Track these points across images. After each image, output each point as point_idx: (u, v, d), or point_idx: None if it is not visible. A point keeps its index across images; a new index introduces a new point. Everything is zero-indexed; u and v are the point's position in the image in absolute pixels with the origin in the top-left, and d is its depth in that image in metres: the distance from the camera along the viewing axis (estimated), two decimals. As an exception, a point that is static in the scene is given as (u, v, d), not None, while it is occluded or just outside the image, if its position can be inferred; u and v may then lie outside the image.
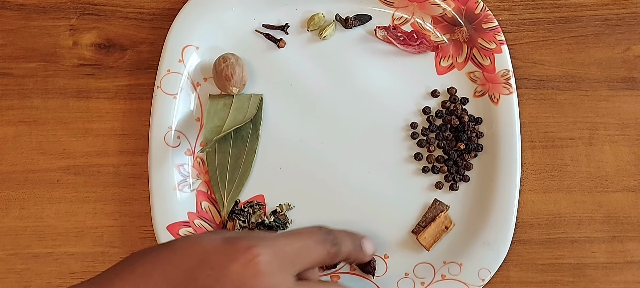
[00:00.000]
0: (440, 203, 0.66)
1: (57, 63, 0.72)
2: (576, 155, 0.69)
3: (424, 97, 0.69)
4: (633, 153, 0.69)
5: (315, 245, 0.55)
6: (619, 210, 0.68)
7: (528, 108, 0.69)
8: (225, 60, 0.67)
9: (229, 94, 0.68)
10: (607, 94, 0.70)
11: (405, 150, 0.68)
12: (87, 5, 0.73)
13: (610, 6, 0.71)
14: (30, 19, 0.72)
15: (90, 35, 0.72)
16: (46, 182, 0.69)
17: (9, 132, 0.70)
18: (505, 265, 0.66)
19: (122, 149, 0.70)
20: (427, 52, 0.70)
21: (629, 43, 0.71)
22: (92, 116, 0.71)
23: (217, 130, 0.67)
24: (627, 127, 0.69)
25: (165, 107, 0.68)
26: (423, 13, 0.71)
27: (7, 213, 0.69)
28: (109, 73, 0.71)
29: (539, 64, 0.70)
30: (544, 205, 0.68)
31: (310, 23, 0.70)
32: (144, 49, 0.72)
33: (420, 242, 0.65)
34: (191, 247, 0.52)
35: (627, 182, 0.68)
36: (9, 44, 0.72)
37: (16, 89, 0.71)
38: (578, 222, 0.67)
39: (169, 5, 0.72)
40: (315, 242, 0.55)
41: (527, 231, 0.67)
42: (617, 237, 0.67)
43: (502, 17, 0.71)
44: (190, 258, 0.51)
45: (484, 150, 0.68)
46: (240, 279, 0.50)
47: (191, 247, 0.52)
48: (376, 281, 0.66)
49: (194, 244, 0.52)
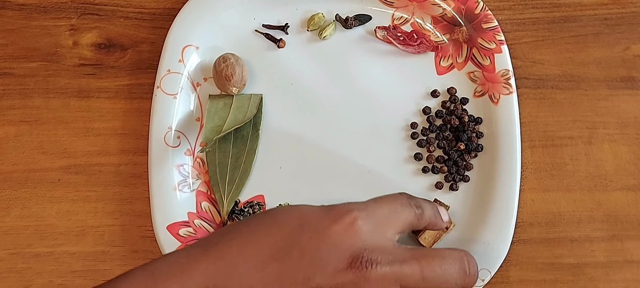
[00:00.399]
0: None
1: (58, 63, 0.72)
2: (576, 155, 0.69)
3: (424, 97, 0.70)
4: (632, 153, 0.69)
5: (402, 207, 0.57)
6: (618, 209, 0.68)
7: (528, 107, 0.69)
8: (225, 60, 0.67)
9: (229, 94, 0.68)
10: (606, 93, 0.70)
11: (405, 150, 0.68)
12: (87, 5, 0.73)
13: (609, 6, 0.71)
14: (31, 18, 0.73)
15: (91, 35, 0.72)
16: (47, 181, 0.69)
17: (10, 131, 0.70)
18: (505, 265, 0.66)
19: (122, 149, 0.70)
20: (427, 52, 0.70)
21: (628, 42, 0.71)
22: (93, 116, 0.71)
23: (217, 130, 0.67)
24: (627, 126, 0.69)
25: (165, 107, 0.68)
26: (423, 13, 0.71)
27: (8, 212, 0.69)
28: (109, 73, 0.71)
29: (539, 63, 0.70)
30: (543, 205, 0.68)
31: (310, 23, 0.70)
32: (144, 49, 0.72)
33: (420, 243, 0.65)
34: (291, 212, 0.55)
35: (626, 181, 0.68)
36: (10, 44, 0.72)
37: (17, 88, 0.71)
38: (578, 221, 0.68)
39: (169, 5, 0.72)
40: (402, 205, 0.57)
41: (527, 230, 0.67)
42: (617, 235, 0.67)
43: (502, 17, 0.71)
44: (290, 223, 0.53)
45: (484, 150, 0.68)
46: (341, 240, 0.52)
47: (291, 212, 0.55)
48: (376, 281, 0.66)
49: (293, 210, 0.55)
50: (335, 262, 0.52)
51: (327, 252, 0.52)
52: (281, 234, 0.53)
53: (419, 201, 0.59)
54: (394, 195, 0.58)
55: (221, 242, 0.53)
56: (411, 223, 0.58)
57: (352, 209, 0.54)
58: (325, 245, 0.52)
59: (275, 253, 0.52)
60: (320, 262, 0.52)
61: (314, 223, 0.53)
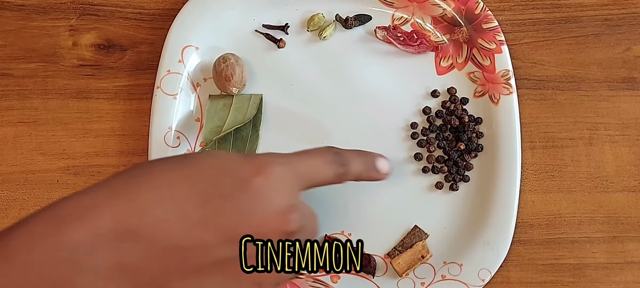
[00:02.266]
0: (420, 231, 0.66)
1: (56, 63, 0.72)
2: (576, 156, 0.69)
3: (424, 97, 0.69)
4: (633, 154, 0.69)
5: (324, 165, 0.56)
6: (619, 211, 0.68)
7: (528, 108, 0.69)
8: (225, 61, 0.67)
9: (229, 94, 0.68)
10: (607, 94, 0.70)
11: (405, 150, 0.68)
12: (86, 5, 0.73)
13: (610, 6, 0.71)
14: (30, 19, 0.72)
15: (90, 35, 0.72)
16: (46, 182, 0.69)
17: (9, 132, 0.70)
18: (505, 265, 0.66)
19: (122, 150, 0.70)
20: (427, 52, 0.70)
21: (629, 43, 0.71)
22: (92, 116, 0.71)
23: (217, 131, 0.67)
24: (627, 127, 0.69)
25: (165, 107, 0.68)
26: (423, 13, 0.71)
27: (7, 213, 0.69)
28: (108, 73, 0.71)
29: (539, 64, 0.70)
30: (544, 206, 0.68)
31: (310, 23, 0.70)
32: (143, 49, 0.72)
33: (394, 267, 0.65)
34: (209, 157, 0.52)
35: (627, 182, 0.68)
36: (8, 45, 0.72)
37: (16, 89, 0.71)
38: (578, 222, 0.67)
39: (169, 5, 0.72)
40: (325, 162, 0.56)
41: (527, 231, 0.67)
42: (618, 237, 0.67)
43: (502, 18, 0.71)
44: (210, 168, 0.50)
45: (484, 151, 0.68)
46: (262, 190, 0.50)
47: (209, 158, 0.52)
48: (376, 281, 0.66)
49: (211, 155, 0.52)
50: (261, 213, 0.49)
51: (250, 202, 0.49)
52: (200, 179, 0.49)
53: (347, 157, 0.58)
54: (320, 150, 0.57)
55: (131, 185, 0.48)
56: (330, 181, 0.57)
57: (275, 161, 0.51)
58: (246, 194, 0.49)
59: (194, 197, 0.48)
60: (244, 212, 0.49)
61: (235, 170, 0.50)
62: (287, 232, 0.50)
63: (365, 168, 0.60)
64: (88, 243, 0.46)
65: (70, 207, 0.47)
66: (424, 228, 0.67)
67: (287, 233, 0.50)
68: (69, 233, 0.46)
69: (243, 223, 0.49)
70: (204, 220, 0.48)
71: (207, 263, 0.48)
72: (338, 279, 0.66)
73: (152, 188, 0.48)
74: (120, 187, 0.48)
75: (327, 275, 0.66)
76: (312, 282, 0.66)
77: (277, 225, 0.50)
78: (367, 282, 0.66)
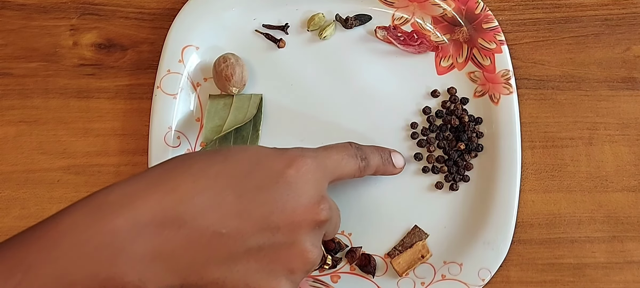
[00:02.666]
0: (420, 230, 0.67)
1: (57, 63, 0.72)
2: (576, 155, 0.69)
3: (424, 97, 0.69)
4: (633, 153, 0.69)
5: (348, 158, 0.60)
6: (619, 210, 0.68)
7: (528, 108, 0.69)
8: (225, 61, 0.67)
9: (229, 93, 0.68)
10: (607, 94, 0.70)
11: (405, 150, 0.68)
12: (87, 5, 0.73)
13: (610, 6, 0.71)
14: (31, 18, 0.73)
15: (90, 35, 0.72)
16: (47, 181, 0.69)
17: (10, 131, 0.70)
18: (505, 265, 0.66)
19: (122, 149, 0.70)
20: (427, 52, 0.70)
21: (629, 43, 0.71)
22: (93, 116, 0.71)
23: (217, 130, 0.67)
24: (627, 127, 0.69)
25: (165, 107, 0.68)
26: (423, 13, 0.71)
27: (8, 213, 0.69)
28: (109, 73, 0.71)
29: (539, 64, 0.70)
30: (544, 205, 0.68)
31: (310, 23, 0.70)
32: (144, 49, 0.72)
33: (394, 267, 0.65)
34: (244, 151, 0.55)
35: (627, 182, 0.68)
36: (9, 44, 0.72)
37: (17, 88, 0.71)
38: (578, 222, 0.67)
39: (169, 5, 0.72)
40: (349, 155, 0.60)
41: (527, 231, 0.67)
42: (617, 237, 0.67)
43: (502, 17, 0.71)
44: (245, 161, 0.53)
45: (484, 150, 0.68)
46: (294, 182, 0.53)
47: (244, 152, 0.55)
48: (376, 281, 0.66)
49: (246, 150, 0.55)
50: (293, 203, 0.53)
51: (283, 193, 0.53)
52: (236, 171, 0.52)
53: (366, 152, 0.62)
54: (342, 145, 0.61)
55: (170, 176, 0.51)
56: (353, 175, 0.61)
57: (305, 155, 0.55)
58: (280, 186, 0.53)
59: (231, 188, 0.51)
60: (277, 202, 0.52)
61: (269, 164, 0.54)
62: (318, 222, 0.54)
63: (382, 162, 0.64)
64: (130, 230, 0.48)
65: (113, 195, 0.50)
66: (424, 228, 0.67)
67: (318, 223, 0.54)
68: (112, 220, 0.48)
69: (277, 212, 0.52)
70: (241, 210, 0.51)
71: (242, 250, 0.51)
72: (338, 279, 0.66)
73: (192, 180, 0.51)
74: (161, 177, 0.51)
75: (327, 274, 0.66)
76: (312, 282, 0.66)
77: (308, 215, 0.53)
78: (367, 282, 0.66)
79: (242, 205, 0.51)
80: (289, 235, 0.53)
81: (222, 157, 0.53)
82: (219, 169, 0.52)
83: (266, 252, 0.52)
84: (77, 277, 0.47)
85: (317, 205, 0.54)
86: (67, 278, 0.47)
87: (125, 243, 0.48)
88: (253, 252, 0.52)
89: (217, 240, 0.50)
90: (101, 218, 0.48)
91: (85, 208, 0.49)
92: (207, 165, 0.52)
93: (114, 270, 0.48)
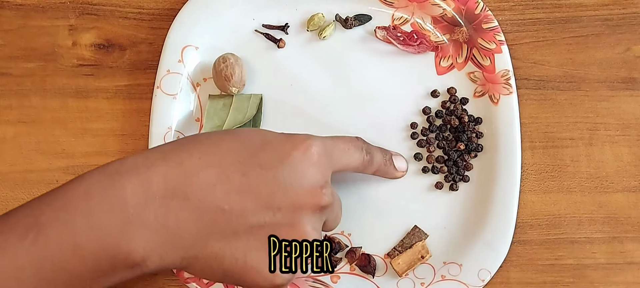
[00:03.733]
0: (420, 231, 0.66)
1: (56, 63, 0.72)
2: (576, 156, 0.69)
3: (424, 97, 0.69)
4: (633, 154, 0.69)
5: (354, 150, 0.61)
6: (619, 211, 0.68)
7: (528, 108, 0.69)
8: (225, 61, 0.67)
9: (229, 94, 0.68)
10: (607, 94, 0.70)
11: (405, 150, 0.68)
12: (86, 5, 0.72)
13: (610, 6, 0.71)
14: (29, 18, 0.72)
15: (89, 35, 0.72)
16: (45, 182, 0.69)
17: (8, 131, 0.70)
18: (505, 266, 0.66)
19: (121, 149, 0.70)
20: (427, 52, 0.70)
21: (629, 43, 0.71)
22: (91, 116, 0.70)
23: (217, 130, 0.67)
24: (628, 127, 0.69)
25: (165, 107, 0.68)
26: (423, 13, 0.71)
27: (6, 213, 0.69)
28: (108, 73, 0.71)
29: (539, 64, 0.70)
30: (544, 206, 0.68)
31: (310, 23, 0.70)
32: (143, 49, 0.72)
33: (393, 267, 0.65)
34: (253, 133, 0.57)
35: (627, 182, 0.68)
36: (7, 44, 0.72)
37: (15, 88, 0.71)
38: (578, 223, 0.67)
39: (168, 5, 0.72)
40: (355, 147, 0.61)
41: (527, 232, 0.67)
42: (617, 237, 0.67)
43: (502, 17, 0.71)
44: (253, 141, 0.55)
45: (484, 150, 0.68)
46: (299, 164, 0.54)
47: (253, 133, 0.57)
48: (376, 281, 0.66)
49: (255, 131, 0.58)
50: (296, 185, 0.54)
51: (287, 174, 0.54)
52: (243, 150, 0.54)
53: (372, 148, 0.63)
54: (349, 137, 0.61)
55: (180, 150, 0.54)
56: (357, 167, 0.61)
57: (312, 140, 0.56)
58: (285, 166, 0.54)
59: (237, 166, 0.53)
60: (281, 183, 0.53)
61: (276, 145, 0.55)
62: (320, 206, 0.55)
63: (383, 162, 0.64)
64: (140, 197, 0.51)
65: (126, 165, 0.52)
66: (424, 228, 0.67)
67: (320, 207, 0.55)
68: (124, 187, 0.51)
69: (280, 193, 0.53)
70: (245, 187, 0.53)
71: (244, 227, 0.53)
72: (338, 279, 0.66)
73: (200, 155, 0.53)
74: (172, 151, 0.54)
75: (327, 275, 0.66)
76: (312, 282, 0.66)
77: (311, 198, 0.54)
78: (367, 282, 0.66)
79: (247, 183, 0.53)
80: (291, 216, 0.54)
81: (232, 137, 0.55)
82: (227, 147, 0.54)
83: (267, 231, 0.53)
84: (85, 241, 0.50)
85: (320, 190, 0.55)
86: (75, 241, 0.50)
87: (134, 212, 0.50)
88: (254, 230, 0.53)
89: (220, 215, 0.52)
90: (112, 185, 0.51)
91: (99, 176, 0.52)
92: (216, 142, 0.54)
93: (120, 238, 0.50)
